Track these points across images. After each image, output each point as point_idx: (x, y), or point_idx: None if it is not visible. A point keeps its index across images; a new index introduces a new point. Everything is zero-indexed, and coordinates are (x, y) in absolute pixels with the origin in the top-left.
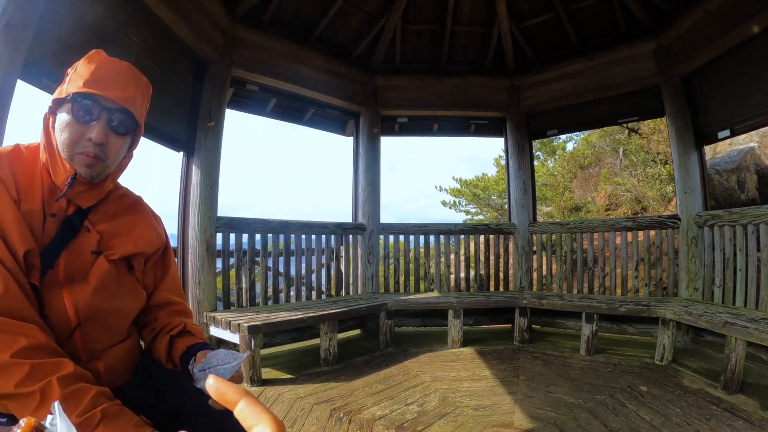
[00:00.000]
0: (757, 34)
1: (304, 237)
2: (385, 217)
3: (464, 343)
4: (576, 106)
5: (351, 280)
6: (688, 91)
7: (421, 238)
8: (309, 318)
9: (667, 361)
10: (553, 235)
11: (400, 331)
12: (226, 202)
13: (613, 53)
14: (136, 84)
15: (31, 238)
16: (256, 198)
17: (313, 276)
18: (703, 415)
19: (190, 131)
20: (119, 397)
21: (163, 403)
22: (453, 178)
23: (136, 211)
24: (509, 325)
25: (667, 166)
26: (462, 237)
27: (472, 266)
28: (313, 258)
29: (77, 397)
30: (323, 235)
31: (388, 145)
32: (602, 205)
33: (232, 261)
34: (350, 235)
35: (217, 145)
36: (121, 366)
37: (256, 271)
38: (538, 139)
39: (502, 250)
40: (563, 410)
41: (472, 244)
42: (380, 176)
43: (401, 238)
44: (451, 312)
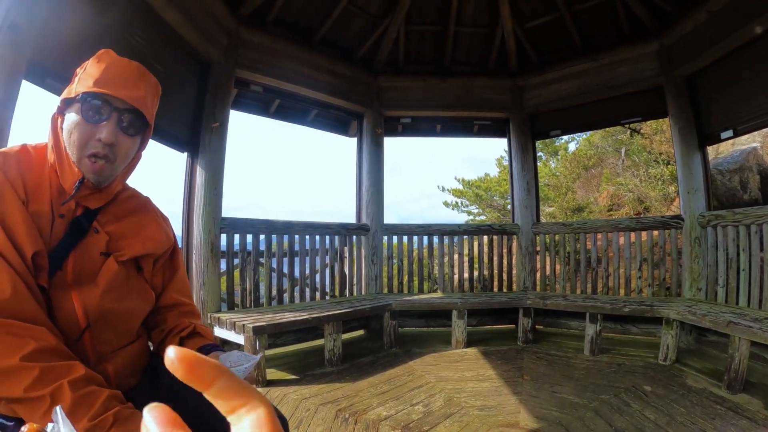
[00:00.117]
0: (760, 35)
1: (308, 238)
2: (389, 218)
3: (468, 344)
4: (579, 107)
5: (355, 281)
6: (691, 91)
7: (425, 238)
8: (314, 319)
9: (670, 361)
10: (557, 236)
11: (403, 332)
12: (228, 203)
13: (616, 54)
14: (146, 84)
15: (40, 239)
16: (258, 199)
17: (317, 276)
18: (708, 415)
19: (194, 132)
20: (128, 399)
21: (173, 406)
22: (455, 178)
23: (145, 212)
24: (513, 326)
25: (670, 167)
26: (465, 237)
27: (476, 267)
28: (317, 258)
29: (89, 401)
30: (327, 236)
31: (391, 146)
32: (604, 206)
33: (237, 262)
34: (354, 236)
35: (222, 145)
36: (131, 368)
37: (261, 272)
38: (541, 140)
39: (505, 251)
40: (568, 410)
41: (476, 244)
42: (384, 177)
43: (405, 238)
44: (455, 312)
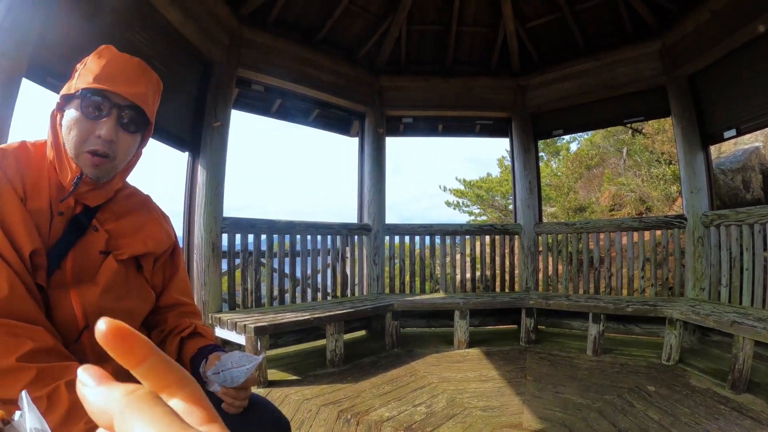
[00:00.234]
0: (762, 34)
1: (309, 238)
2: (390, 218)
3: (470, 344)
4: (581, 106)
5: (356, 281)
6: (693, 90)
7: (427, 238)
8: (315, 319)
9: (674, 361)
10: (559, 236)
11: (405, 332)
12: (229, 203)
13: (618, 53)
14: (147, 80)
15: (38, 237)
16: (259, 199)
17: (319, 277)
18: (712, 415)
19: (195, 131)
20: None
21: None
22: (456, 179)
23: (145, 211)
24: (515, 326)
25: (672, 166)
26: (468, 237)
27: (478, 267)
28: (319, 258)
29: None
30: (329, 236)
31: (393, 146)
32: (606, 206)
33: (238, 262)
34: (356, 236)
35: (223, 145)
36: None
37: (262, 272)
38: (543, 140)
39: (507, 251)
40: (572, 410)
41: (478, 244)
42: (385, 176)
43: (407, 238)
44: (457, 313)
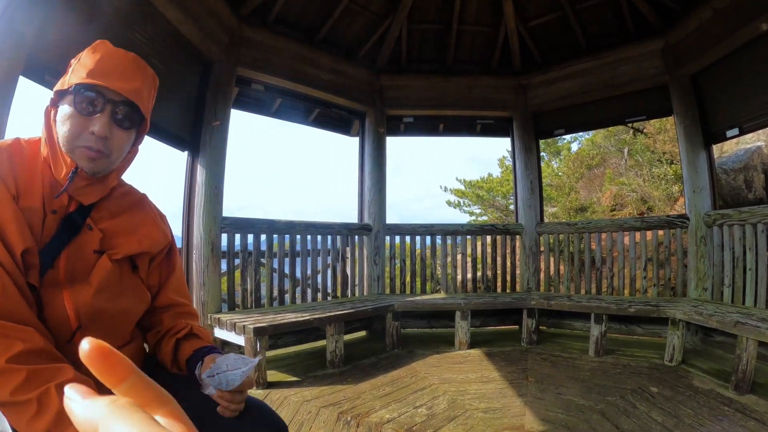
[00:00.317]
0: (765, 32)
1: (309, 238)
2: (391, 218)
3: (472, 345)
4: (583, 106)
5: (357, 281)
6: (696, 89)
7: (428, 238)
8: (315, 319)
9: (676, 362)
10: (561, 236)
11: (406, 333)
12: (229, 203)
13: (620, 52)
14: (142, 75)
15: (30, 236)
16: (259, 199)
17: (319, 277)
18: (715, 416)
19: (195, 130)
20: None
21: None
22: (457, 179)
23: (141, 209)
24: (516, 327)
25: (674, 166)
26: (469, 237)
27: (479, 267)
28: (319, 259)
29: None
30: (329, 236)
31: (394, 146)
32: (607, 206)
33: (237, 262)
34: (356, 236)
35: (223, 144)
36: None
37: (262, 272)
38: (545, 139)
39: (509, 251)
40: (574, 412)
41: (479, 244)
42: (386, 176)
43: (407, 238)
44: (458, 313)
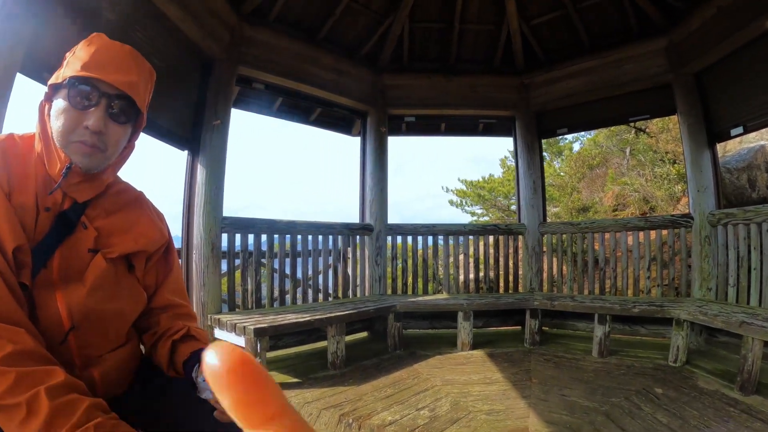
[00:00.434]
0: None
1: (310, 238)
2: (392, 218)
3: (474, 346)
4: (586, 105)
5: (358, 282)
6: (699, 88)
7: (430, 238)
8: (316, 320)
9: (681, 363)
10: (564, 236)
11: (408, 334)
12: (228, 203)
13: (623, 51)
14: (138, 69)
15: (22, 233)
16: (259, 199)
17: (320, 277)
18: (721, 417)
19: (195, 130)
20: (116, 408)
21: (164, 415)
22: (458, 179)
23: (137, 207)
24: (519, 327)
25: (676, 166)
26: (471, 237)
27: (481, 267)
28: (320, 259)
29: (68, 410)
30: (330, 236)
31: (396, 146)
32: (610, 206)
33: (238, 262)
34: (357, 236)
35: (223, 143)
36: (119, 373)
37: (262, 273)
38: (548, 138)
39: (511, 251)
40: (579, 414)
41: (482, 244)
42: (388, 176)
43: (409, 239)
44: (460, 314)
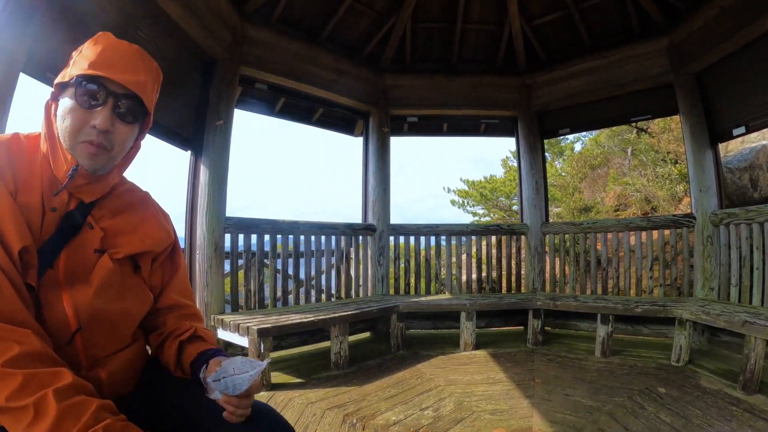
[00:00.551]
0: None
1: (313, 238)
2: (395, 218)
3: (477, 346)
4: (588, 105)
5: (361, 282)
6: (701, 88)
7: (432, 239)
8: (319, 320)
9: (683, 362)
10: (566, 236)
11: (411, 334)
12: (231, 203)
13: (625, 51)
14: (146, 68)
15: (28, 234)
16: (260, 199)
17: (323, 278)
18: (724, 417)
19: (198, 130)
20: (122, 408)
21: (172, 416)
22: (460, 179)
23: (143, 207)
24: (522, 327)
25: (678, 165)
26: (473, 238)
27: (484, 267)
28: (323, 259)
29: (76, 412)
30: (333, 236)
31: (398, 146)
32: (611, 206)
33: (241, 262)
34: (360, 236)
35: (226, 144)
36: (126, 374)
37: (265, 273)
38: (550, 139)
39: (514, 251)
40: (582, 413)
41: (484, 244)
42: (390, 176)
43: (412, 239)
44: (463, 314)
